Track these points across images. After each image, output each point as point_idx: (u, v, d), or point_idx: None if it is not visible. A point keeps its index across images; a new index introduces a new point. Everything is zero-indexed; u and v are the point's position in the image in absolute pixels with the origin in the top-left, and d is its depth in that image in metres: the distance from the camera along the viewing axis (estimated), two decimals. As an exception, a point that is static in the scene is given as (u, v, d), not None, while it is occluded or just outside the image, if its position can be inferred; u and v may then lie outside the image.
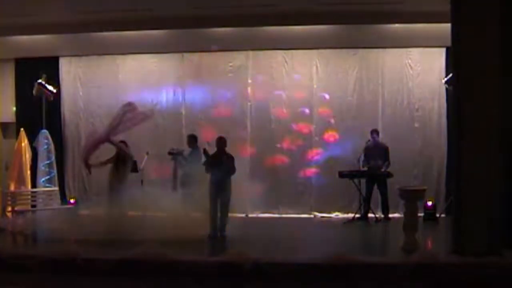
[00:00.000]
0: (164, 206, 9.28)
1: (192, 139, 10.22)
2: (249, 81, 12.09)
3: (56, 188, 11.51)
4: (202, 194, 9.04)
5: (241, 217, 10.77)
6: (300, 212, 11.60)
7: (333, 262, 6.70)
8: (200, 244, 8.41)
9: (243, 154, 11.41)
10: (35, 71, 11.72)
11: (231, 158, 9.11)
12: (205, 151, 9.18)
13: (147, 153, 10.65)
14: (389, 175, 10.73)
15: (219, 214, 8.99)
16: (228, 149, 9.24)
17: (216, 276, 6.74)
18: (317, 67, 11.93)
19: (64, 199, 11.71)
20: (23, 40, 11.62)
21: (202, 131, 11.33)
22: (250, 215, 11.45)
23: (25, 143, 11.65)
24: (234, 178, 9.01)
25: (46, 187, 11.47)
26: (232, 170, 9.00)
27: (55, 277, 6.90)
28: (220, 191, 8.96)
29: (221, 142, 9.20)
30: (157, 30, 11.33)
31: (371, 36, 11.31)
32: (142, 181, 10.46)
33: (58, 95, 12.16)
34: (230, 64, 12.11)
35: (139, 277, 6.81)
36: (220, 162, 8.99)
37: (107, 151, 9.89)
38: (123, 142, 9.75)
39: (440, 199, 11.27)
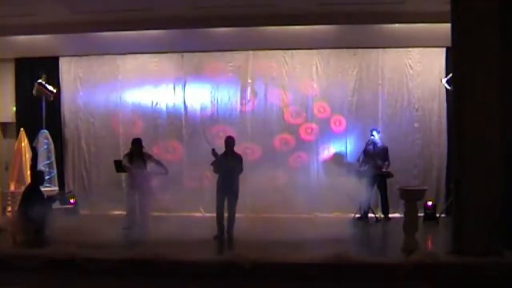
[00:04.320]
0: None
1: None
2: (249, 81, 12.08)
3: (56, 188, 11.51)
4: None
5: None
6: (300, 212, 11.58)
7: (333, 262, 6.71)
8: (206, 244, 8.40)
9: (243, 154, 11.38)
10: (35, 71, 11.71)
11: (239, 158, 9.07)
12: (213, 152, 9.08)
13: (147, 153, 10.63)
14: (389, 175, 10.74)
15: (226, 215, 8.96)
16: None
17: (216, 276, 6.74)
18: (317, 67, 11.91)
19: (64, 199, 11.69)
20: (23, 40, 11.58)
21: (202, 131, 11.27)
22: (250, 215, 11.44)
23: (25, 143, 11.61)
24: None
25: (46, 187, 11.44)
26: (239, 169, 8.97)
27: (55, 277, 6.91)
28: (228, 192, 8.92)
29: (229, 142, 9.16)
30: (157, 30, 11.31)
31: (371, 36, 11.28)
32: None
33: (58, 95, 12.14)
34: (230, 64, 12.10)
35: (140, 277, 6.81)
36: (229, 162, 8.94)
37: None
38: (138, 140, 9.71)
39: (440, 199, 11.26)
